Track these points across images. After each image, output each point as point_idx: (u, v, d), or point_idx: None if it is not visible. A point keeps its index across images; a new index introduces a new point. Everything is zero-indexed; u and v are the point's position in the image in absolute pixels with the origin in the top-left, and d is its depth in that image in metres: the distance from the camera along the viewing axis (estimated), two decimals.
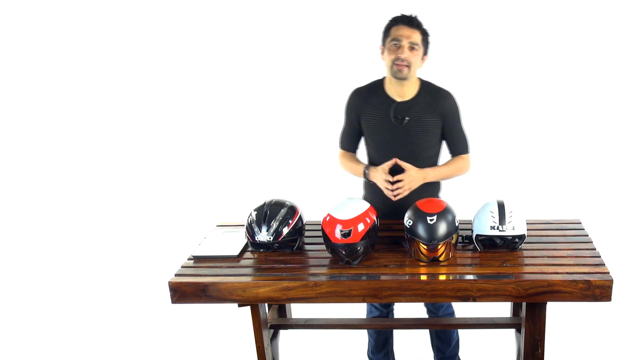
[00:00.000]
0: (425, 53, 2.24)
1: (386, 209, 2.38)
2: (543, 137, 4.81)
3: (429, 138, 2.30)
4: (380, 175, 2.26)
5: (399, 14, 2.22)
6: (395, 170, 2.25)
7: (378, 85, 2.32)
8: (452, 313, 2.64)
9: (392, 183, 2.22)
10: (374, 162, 2.38)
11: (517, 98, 4.80)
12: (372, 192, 2.41)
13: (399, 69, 2.18)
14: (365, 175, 2.35)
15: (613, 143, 4.74)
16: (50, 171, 4.94)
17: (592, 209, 4.22)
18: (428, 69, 2.41)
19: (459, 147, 2.37)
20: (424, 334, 3.04)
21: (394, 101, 2.27)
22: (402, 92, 2.26)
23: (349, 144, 2.44)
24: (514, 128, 4.81)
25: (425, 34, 2.21)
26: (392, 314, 2.70)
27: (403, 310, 2.88)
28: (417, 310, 2.89)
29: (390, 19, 2.23)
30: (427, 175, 2.29)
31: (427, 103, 2.27)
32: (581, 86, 4.76)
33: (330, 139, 5.08)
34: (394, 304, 2.67)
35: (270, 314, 2.42)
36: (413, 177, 2.23)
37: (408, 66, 2.17)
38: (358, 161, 2.43)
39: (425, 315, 2.69)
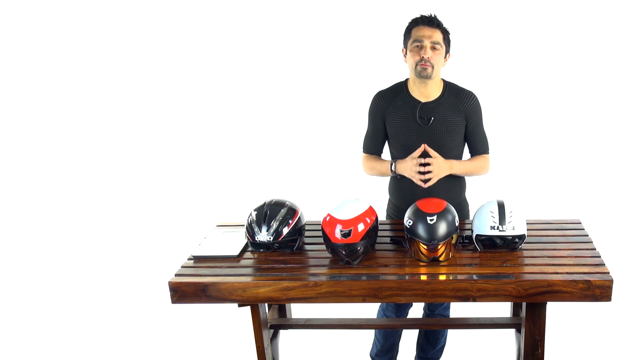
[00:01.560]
0: (447, 51, 2.26)
1: None
2: (543, 137, 4.81)
3: (453, 137, 2.31)
4: (409, 164, 2.26)
5: (419, 15, 2.23)
6: (423, 158, 2.27)
7: (401, 87, 2.33)
8: (448, 316, 2.64)
9: (423, 166, 2.23)
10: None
11: (517, 98, 4.80)
12: (399, 194, 2.41)
13: (423, 68, 2.20)
14: (392, 169, 2.34)
15: (613, 143, 4.75)
16: (50, 171, 4.95)
17: (592, 209, 4.22)
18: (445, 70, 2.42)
19: (481, 147, 2.40)
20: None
21: (418, 102, 2.28)
22: (427, 92, 2.28)
23: (374, 147, 2.45)
24: (514, 128, 4.81)
25: (446, 33, 2.24)
26: (399, 338, 2.70)
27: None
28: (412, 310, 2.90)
29: (410, 20, 2.25)
30: (453, 166, 2.31)
31: (452, 103, 2.29)
32: (581, 86, 4.76)
33: (330, 139, 5.09)
34: (407, 312, 2.66)
35: (270, 314, 2.42)
36: (441, 164, 2.25)
37: (432, 66, 2.19)
38: (383, 160, 2.43)
39: (416, 315, 2.68)
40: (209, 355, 3.06)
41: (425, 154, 2.25)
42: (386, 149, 2.48)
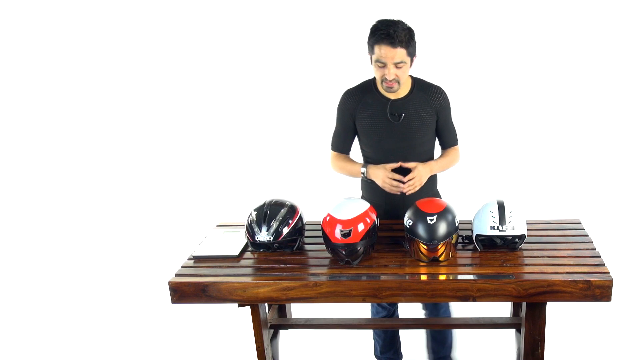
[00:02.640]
0: (414, 55, 2.20)
1: (387, 206, 2.39)
2: (543, 137, 4.81)
3: (425, 133, 2.33)
4: (382, 173, 2.28)
5: (380, 26, 2.12)
6: (399, 171, 2.29)
7: (370, 85, 2.34)
8: (449, 315, 2.65)
9: (404, 183, 2.25)
10: (370, 160, 2.40)
11: (517, 98, 4.80)
12: (372, 190, 2.42)
13: (388, 87, 2.20)
14: (363, 174, 2.35)
15: (613, 143, 4.74)
16: (50, 172, 4.95)
17: (592, 209, 4.22)
18: (433, 68, 2.42)
19: (451, 139, 2.44)
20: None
21: (388, 99, 2.29)
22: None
23: (343, 146, 2.45)
24: (514, 128, 4.81)
25: (408, 45, 2.12)
26: (397, 313, 2.70)
27: (407, 308, 2.87)
28: (419, 308, 2.89)
29: (371, 29, 2.15)
30: (432, 167, 2.35)
31: (421, 99, 2.30)
32: (581, 86, 4.76)
33: (330, 139, 5.07)
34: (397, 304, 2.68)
35: (270, 314, 2.42)
36: (421, 172, 2.27)
37: (397, 82, 2.19)
38: (353, 161, 2.44)
39: (419, 315, 2.69)
40: (209, 355, 3.06)
41: (401, 167, 2.28)
42: (356, 144, 2.48)
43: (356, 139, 2.45)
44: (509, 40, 4.69)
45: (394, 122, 2.29)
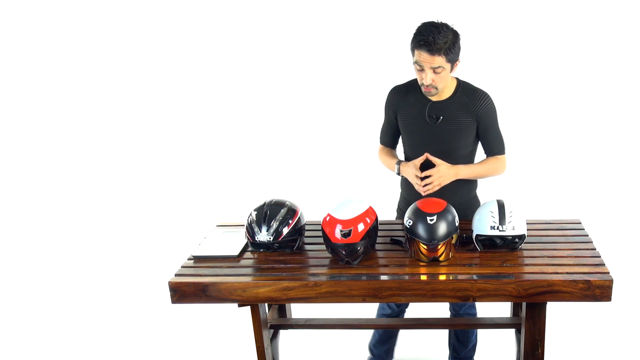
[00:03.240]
0: (455, 61, 2.17)
1: None
2: (543, 137, 4.81)
3: (462, 137, 2.29)
4: (411, 170, 2.27)
5: (422, 30, 2.10)
6: (427, 166, 2.26)
7: (416, 83, 2.32)
8: (475, 314, 2.63)
9: (422, 179, 2.23)
10: (409, 158, 2.39)
11: (518, 98, 4.80)
12: (408, 188, 2.42)
13: (427, 91, 2.19)
14: (396, 170, 2.36)
15: (613, 143, 4.75)
16: (51, 172, 4.95)
17: (592, 209, 4.22)
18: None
19: (495, 147, 2.37)
20: (428, 334, 3.05)
21: (429, 100, 2.28)
22: (439, 92, 2.27)
23: (387, 140, 2.47)
24: (514, 128, 4.80)
25: (449, 52, 2.09)
26: (403, 315, 2.70)
27: (415, 309, 2.87)
28: (429, 309, 2.89)
29: (414, 32, 2.13)
30: (459, 171, 2.28)
31: (463, 103, 2.27)
32: (581, 86, 4.76)
33: (331, 139, 5.09)
34: (407, 305, 2.67)
35: (270, 314, 2.42)
36: (443, 172, 2.23)
37: (435, 87, 2.17)
38: (393, 156, 2.44)
39: (433, 315, 2.68)
40: (209, 355, 3.06)
41: (429, 162, 2.25)
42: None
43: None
44: (509, 41, 4.70)
45: (432, 124, 2.27)
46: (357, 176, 4.47)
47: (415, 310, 2.86)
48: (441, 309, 2.85)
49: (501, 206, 2.11)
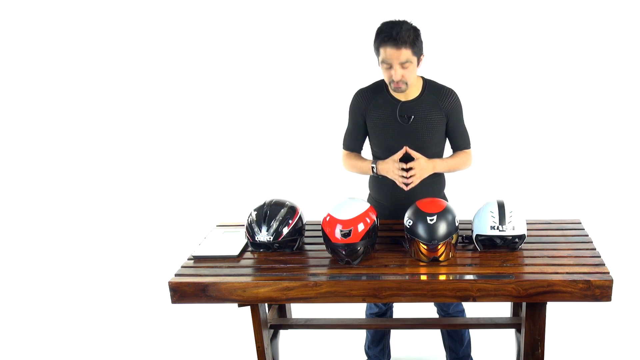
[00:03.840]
0: (420, 56, 2.19)
1: (393, 206, 2.39)
2: (543, 137, 4.81)
3: (434, 135, 2.31)
4: (391, 166, 2.27)
5: (383, 28, 2.12)
6: (405, 160, 2.27)
7: (381, 85, 2.33)
8: (463, 311, 2.63)
9: (407, 171, 2.24)
10: (379, 160, 2.38)
11: (518, 98, 4.80)
12: (379, 190, 2.42)
13: (396, 87, 2.19)
14: (373, 170, 2.35)
15: (613, 143, 4.75)
16: (51, 172, 4.95)
17: (592, 209, 4.22)
18: (430, 67, 2.40)
19: (462, 142, 2.40)
20: (422, 333, 3.05)
21: (398, 101, 2.28)
22: (406, 92, 2.27)
23: (354, 144, 2.45)
24: (514, 128, 4.81)
25: (413, 45, 2.10)
26: (391, 312, 2.70)
27: (402, 308, 2.89)
28: (416, 309, 2.90)
29: (375, 32, 2.15)
30: (436, 165, 2.32)
31: (432, 101, 2.29)
32: (581, 86, 4.76)
33: (331, 139, 5.09)
34: (391, 304, 2.68)
35: (270, 314, 2.42)
36: (423, 165, 2.25)
37: (405, 82, 2.18)
38: (363, 159, 2.43)
39: (425, 315, 2.68)
40: (209, 355, 3.06)
41: (407, 156, 2.26)
42: (367, 145, 2.48)
43: (367, 139, 2.45)
44: (508, 41, 4.70)
45: (404, 124, 2.28)
46: (357, 176, 4.47)
47: (402, 307, 2.87)
48: (429, 306, 2.84)
49: (501, 206, 2.11)
